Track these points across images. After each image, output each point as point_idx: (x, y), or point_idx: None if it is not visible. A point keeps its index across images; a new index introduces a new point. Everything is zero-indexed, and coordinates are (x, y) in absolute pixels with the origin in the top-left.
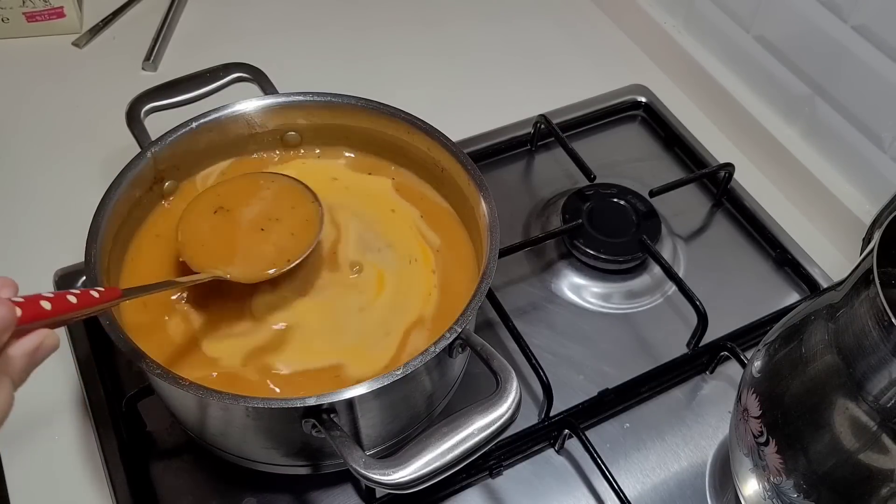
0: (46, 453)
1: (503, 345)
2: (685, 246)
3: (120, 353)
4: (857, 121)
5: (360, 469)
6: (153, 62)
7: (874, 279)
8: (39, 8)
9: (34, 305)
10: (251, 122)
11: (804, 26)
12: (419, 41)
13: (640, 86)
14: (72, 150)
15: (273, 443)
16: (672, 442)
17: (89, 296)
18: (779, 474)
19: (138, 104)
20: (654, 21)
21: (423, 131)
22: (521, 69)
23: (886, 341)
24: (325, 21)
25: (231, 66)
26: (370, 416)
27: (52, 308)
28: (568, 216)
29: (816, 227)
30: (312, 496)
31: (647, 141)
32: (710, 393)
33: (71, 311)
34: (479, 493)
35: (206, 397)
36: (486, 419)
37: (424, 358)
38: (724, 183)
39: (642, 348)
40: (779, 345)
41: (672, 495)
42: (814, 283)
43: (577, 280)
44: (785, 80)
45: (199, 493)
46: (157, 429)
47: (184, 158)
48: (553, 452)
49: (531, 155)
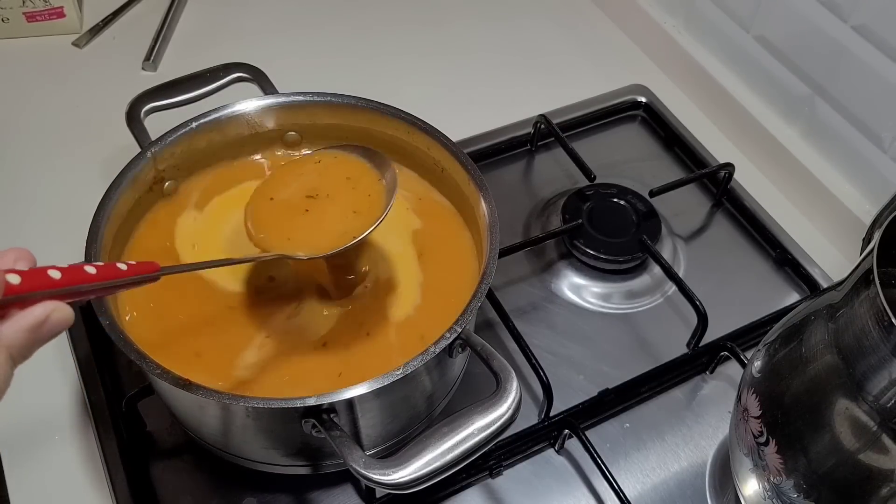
0: (46, 453)
1: (503, 345)
2: (685, 246)
3: (120, 353)
4: (857, 121)
5: (360, 469)
6: (153, 62)
7: (874, 279)
8: (39, 8)
9: (39, 274)
10: (251, 122)
11: (804, 26)
12: (419, 41)
13: (640, 86)
14: (72, 150)
15: (273, 443)
16: (672, 442)
17: (114, 268)
18: (779, 474)
19: (138, 104)
20: (654, 21)
21: (423, 131)
22: (521, 69)
23: (886, 341)
24: (325, 21)
25: (231, 66)
26: (370, 416)
27: (62, 277)
28: (568, 216)
29: (816, 227)
30: (312, 496)
31: (647, 141)
32: (710, 393)
33: (88, 283)
34: (479, 493)
35: (206, 397)
36: (486, 419)
37: (424, 358)
38: (724, 183)
39: (642, 348)
40: (779, 345)
41: (672, 495)
42: (814, 283)
43: (577, 280)
44: (785, 80)
45: (199, 493)
46: (157, 429)
47: (184, 158)
48: (553, 452)
49: (531, 155)
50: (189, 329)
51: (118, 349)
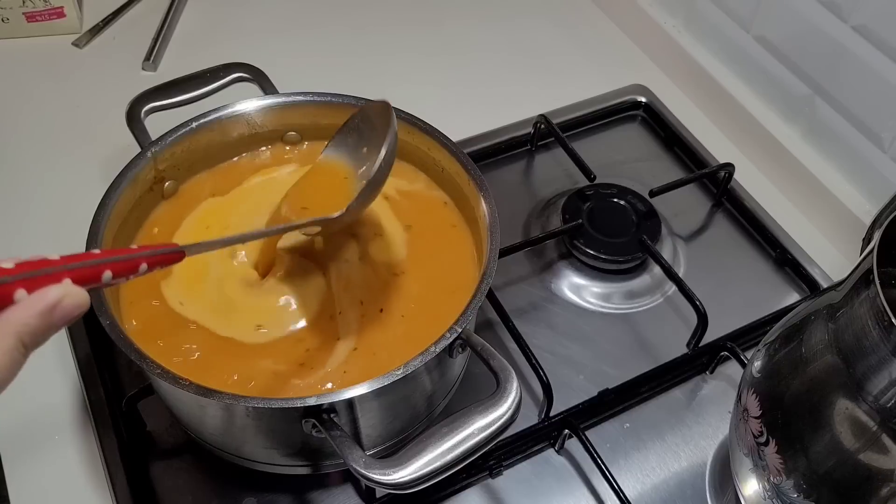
0: (46, 453)
1: (503, 345)
2: (685, 246)
3: (120, 353)
4: (857, 121)
5: (361, 469)
6: (153, 62)
7: (874, 279)
8: (39, 8)
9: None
10: (251, 122)
11: (804, 26)
12: (419, 41)
13: (640, 86)
14: (72, 150)
15: (273, 443)
16: (672, 442)
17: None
18: (779, 474)
19: (138, 104)
20: (654, 21)
21: (423, 131)
22: (521, 69)
23: (886, 341)
24: (325, 21)
25: (231, 66)
26: (370, 416)
27: (60, 258)
28: (568, 216)
29: (816, 227)
30: (312, 496)
31: (647, 141)
32: (710, 393)
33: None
34: (479, 493)
35: (205, 397)
36: (486, 419)
37: (424, 358)
38: (724, 183)
39: (642, 348)
40: (779, 345)
41: (672, 495)
42: (814, 283)
43: (577, 280)
44: (785, 80)
45: (199, 493)
46: (157, 429)
47: (184, 158)
48: (553, 452)
49: (531, 155)
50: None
51: (118, 349)
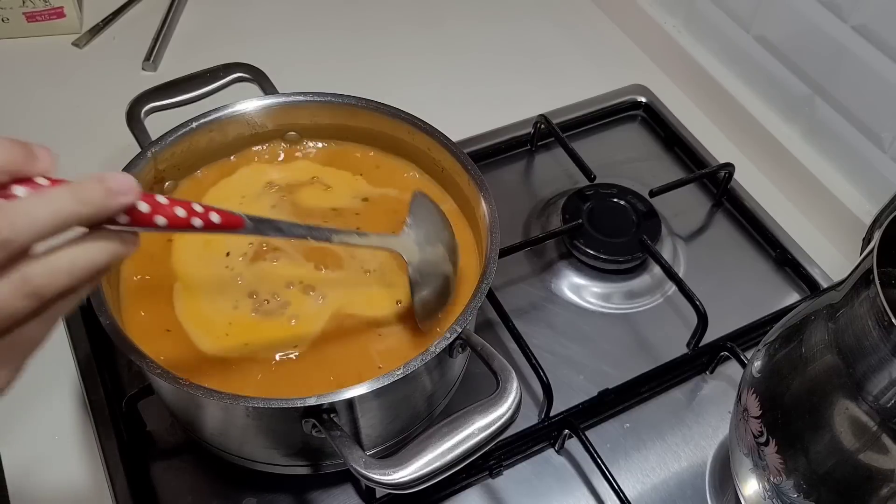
0: (46, 453)
1: (503, 345)
2: (685, 246)
3: (120, 353)
4: (857, 121)
5: (361, 469)
6: (153, 62)
7: (874, 279)
8: (39, 8)
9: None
10: (251, 122)
11: (804, 26)
12: (419, 41)
13: (640, 86)
14: (72, 150)
15: (273, 443)
16: (672, 442)
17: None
18: (779, 474)
19: (138, 104)
20: (654, 21)
21: (423, 131)
22: (521, 69)
23: (886, 341)
24: (325, 21)
25: (231, 66)
26: (370, 416)
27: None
28: (568, 216)
29: (816, 227)
30: (312, 496)
31: (647, 141)
32: (710, 393)
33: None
34: (479, 493)
35: (206, 397)
36: (486, 419)
37: (424, 358)
38: (724, 183)
39: (642, 348)
40: (779, 345)
41: (672, 495)
42: (814, 283)
43: (577, 280)
44: (785, 80)
45: (199, 493)
46: (157, 429)
47: (184, 158)
48: (553, 452)
49: (531, 155)
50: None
51: (118, 349)
